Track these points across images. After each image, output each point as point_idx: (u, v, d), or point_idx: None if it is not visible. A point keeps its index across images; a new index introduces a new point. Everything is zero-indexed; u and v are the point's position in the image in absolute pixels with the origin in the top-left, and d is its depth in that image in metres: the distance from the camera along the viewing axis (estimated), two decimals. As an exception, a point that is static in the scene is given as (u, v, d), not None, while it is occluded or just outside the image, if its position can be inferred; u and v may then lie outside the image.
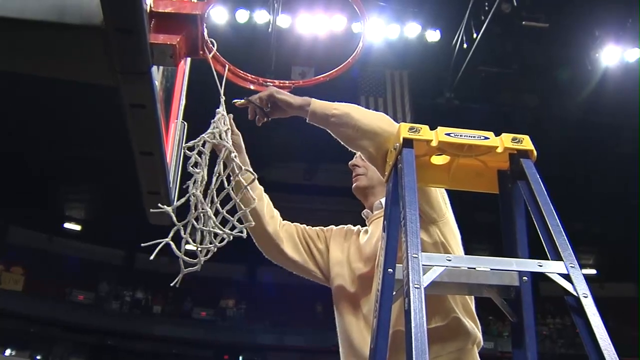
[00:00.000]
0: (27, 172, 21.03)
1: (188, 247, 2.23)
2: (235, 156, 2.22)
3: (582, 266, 1.62)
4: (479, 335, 2.37)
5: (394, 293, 1.79)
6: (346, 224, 2.88)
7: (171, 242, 2.14)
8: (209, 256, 2.21)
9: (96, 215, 27.31)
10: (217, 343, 26.32)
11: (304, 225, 2.87)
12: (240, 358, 27.49)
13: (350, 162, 2.84)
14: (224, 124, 2.32)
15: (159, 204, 2.17)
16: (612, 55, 15.31)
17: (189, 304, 27.04)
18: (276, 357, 26.84)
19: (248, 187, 2.20)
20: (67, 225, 27.53)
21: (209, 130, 2.28)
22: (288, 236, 2.78)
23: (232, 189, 2.21)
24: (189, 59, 2.77)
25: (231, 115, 2.56)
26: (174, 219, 2.13)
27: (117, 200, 22.15)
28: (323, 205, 22.82)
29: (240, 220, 2.19)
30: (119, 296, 26.45)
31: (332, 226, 2.89)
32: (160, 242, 2.16)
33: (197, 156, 2.20)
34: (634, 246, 24.62)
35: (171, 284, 2.28)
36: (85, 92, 13.54)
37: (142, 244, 2.20)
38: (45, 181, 21.83)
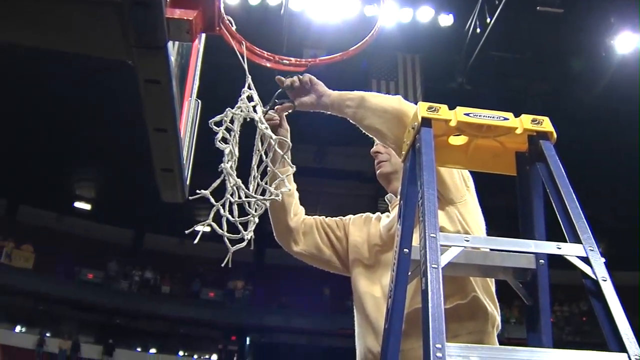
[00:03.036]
0: (37, 152, 21.10)
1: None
2: (266, 127, 2.25)
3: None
4: (498, 318, 2.36)
5: (410, 273, 1.78)
6: (355, 206, 2.91)
7: (213, 223, 2.14)
8: (252, 229, 2.21)
9: (106, 195, 27.41)
10: (225, 324, 26.51)
11: (324, 216, 2.89)
12: (248, 339, 27.68)
13: (372, 150, 2.82)
14: (252, 100, 2.33)
15: (197, 190, 2.16)
16: (627, 42, 15.14)
17: (197, 284, 27.20)
18: (283, 339, 27.00)
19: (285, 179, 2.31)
20: (77, 204, 27.67)
21: (237, 105, 2.28)
22: (308, 230, 2.81)
23: (269, 180, 2.33)
24: (203, 37, 2.75)
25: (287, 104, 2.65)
26: (212, 200, 2.12)
27: (127, 180, 22.24)
28: (333, 188, 22.81)
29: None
30: (128, 276, 26.65)
31: (351, 215, 2.90)
32: (203, 226, 2.16)
33: (224, 131, 2.19)
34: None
35: (222, 265, 2.29)
36: (96, 72, 13.55)
37: (187, 231, 2.20)
38: (56, 161, 21.91)
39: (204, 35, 2.65)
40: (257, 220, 2.25)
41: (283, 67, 2.62)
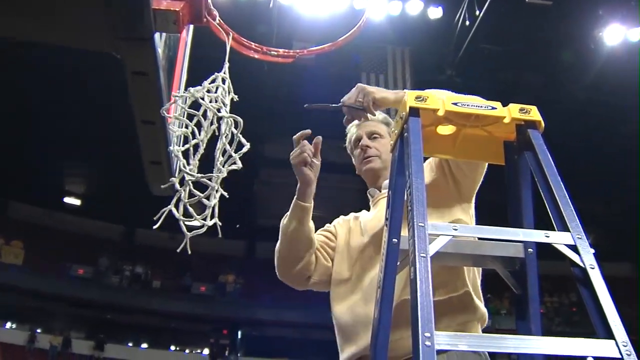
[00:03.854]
0: (26, 148, 21.00)
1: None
2: (225, 117, 2.25)
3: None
4: (486, 314, 2.38)
5: (399, 263, 1.78)
6: (345, 199, 2.88)
7: (174, 209, 2.14)
8: (212, 215, 2.21)
9: (96, 190, 27.32)
10: (216, 318, 26.51)
11: (320, 231, 2.79)
12: (239, 333, 27.70)
13: (361, 143, 2.75)
14: (222, 86, 2.31)
15: (171, 178, 2.16)
16: (615, 34, 15.20)
17: (188, 279, 27.20)
18: (274, 332, 27.04)
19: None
20: (67, 199, 27.57)
21: (198, 87, 2.26)
22: (315, 259, 2.67)
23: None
24: (191, 28, 2.73)
25: (320, 138, 2.55)
26: (178, 186, 2.12)
27: (117, 175, 22.17)
28: (322, 181, 22.76)
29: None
30: (119, 271, 26.60)
31: (336, 219, 2.86)
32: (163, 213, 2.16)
33: (177, 116, 2.19)
34: (632, 226, 24.72)
35: (178, 250, 2.29)
36: (85, 65, 13.48)
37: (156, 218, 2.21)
38: (45, 156, 21.81)
39: (191, 27, 2.65)
40: (213, 202, 2.25)
41: (271, 59, 2.62)
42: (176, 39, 2.50)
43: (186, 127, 2.23)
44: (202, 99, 2.20)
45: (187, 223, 2.28)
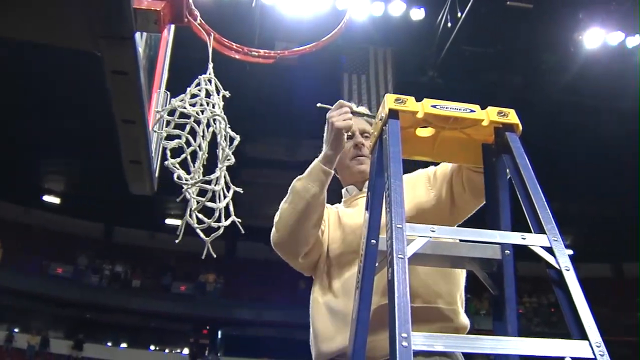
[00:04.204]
0: (4, 145, 20.77)
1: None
2: (220, 121, 2.24)
3: (559, 245, 1.62)
4: (469, 324, 2.42)
5: (377, 264, 1.79)
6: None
7: (189, 219, 2.17)
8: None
9: (75, 188, 27.10)
10: (196, 317, 26.43)
11: None
12: (219, 332, 27.64)
13: (357, 139, 2.64)
14: (209, 87, 2.31)
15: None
16: (595, 38, 15.36)
17: (168, 278, 27.08)
18: (254, 332, 27.02)
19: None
20: (46, 197, 27.32)
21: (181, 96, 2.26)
22: (317, 242, 2.52)
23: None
24: (172, 28, 2.73)
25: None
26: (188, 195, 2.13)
27: (96, 173, 22.01)
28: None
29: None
30: (98, 270, 26.41)
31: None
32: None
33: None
34: (610, 227, 25.00)
35: (202, 257, 2.29)
36: (64, 62, 13.36)
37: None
38: (24, 154, 21.61)
39: (173, 26, 2.64)
40: (223, 203, 2.25)
41: (252, 59, 2.62)
42: (157, 38, 2.49)
43: (179, 137, 2.23)
44: (193, 105, 2.21)
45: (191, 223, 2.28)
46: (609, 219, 24.45)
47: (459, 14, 14.87)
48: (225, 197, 2.34)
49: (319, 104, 2.47)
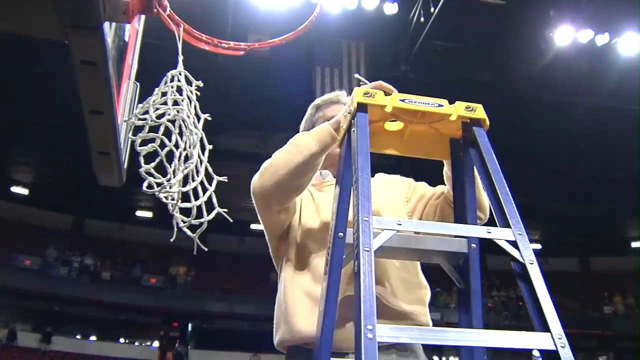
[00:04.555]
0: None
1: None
2: (188, 122, 2.22)
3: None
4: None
5: (344, 257, 1.80)
6: None
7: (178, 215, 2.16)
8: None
9: (44, 179, 26.75)
10: (167, 310, 26.28)
11: None
12: (190, 325, 27.53)
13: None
14: (181, 82, 2.30)
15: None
16: (565, 35, 15.57)
17: (138, 270, 26.89)
18: (225, 324, 26.96)
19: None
20: (14, 189, 26.90)
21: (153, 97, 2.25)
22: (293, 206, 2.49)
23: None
24: (142, 18, 2.71)
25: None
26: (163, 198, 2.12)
27: (65, 164, 21.75)
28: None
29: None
30: (67, 262, 26.09)
31: None
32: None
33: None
34: (577, 222, 25.39)
35: (194, 252, 2.26)
36: (32, 52, 13.17)
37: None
38: (-8, 143, 21.28)
39: (143, 16, 2.62)
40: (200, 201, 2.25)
41: (222, 51, 2.61)
42: (127, 28, 2.47)
43: (153, 140, 2.21)
44: (165, 103, 2.20)
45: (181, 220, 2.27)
46: (577, 214, 24.82)
47: (432, 9, 14.97)
48: (206, 190, 2.34)
49: (356, 75, 2.45)
